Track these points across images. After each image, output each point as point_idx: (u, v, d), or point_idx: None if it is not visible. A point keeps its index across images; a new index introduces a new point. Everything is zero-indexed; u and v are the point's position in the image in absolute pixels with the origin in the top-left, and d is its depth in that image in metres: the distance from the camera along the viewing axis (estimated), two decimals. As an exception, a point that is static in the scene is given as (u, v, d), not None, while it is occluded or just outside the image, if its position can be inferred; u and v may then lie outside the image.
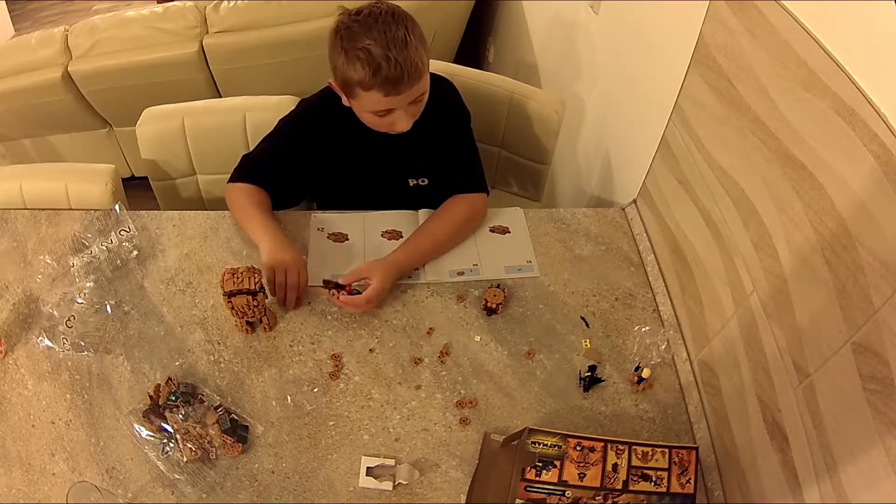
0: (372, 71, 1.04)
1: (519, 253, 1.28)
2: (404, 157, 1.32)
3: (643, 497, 0.92)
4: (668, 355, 1.12)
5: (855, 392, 0.68)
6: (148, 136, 1.52)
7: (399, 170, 1.35)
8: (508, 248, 1.30)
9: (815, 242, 0.76)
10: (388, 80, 1.05)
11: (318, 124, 1.27)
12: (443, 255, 1.26)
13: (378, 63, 1.04)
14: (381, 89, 1.07)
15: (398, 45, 1.04)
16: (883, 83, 0.66)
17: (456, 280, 1.23)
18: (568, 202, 1.98)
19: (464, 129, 1.34)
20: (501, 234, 1.32)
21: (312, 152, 1.28)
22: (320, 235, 1.31)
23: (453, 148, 1.33)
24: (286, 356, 1.11)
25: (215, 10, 2.06)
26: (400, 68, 1.05)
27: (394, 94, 1.08)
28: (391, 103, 1.11)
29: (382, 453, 1.00)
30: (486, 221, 1.34)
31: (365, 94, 1.09)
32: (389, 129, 1.18)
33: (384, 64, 1.04)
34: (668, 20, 1.22)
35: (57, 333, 1.10)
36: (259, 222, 1.21)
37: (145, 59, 2.06)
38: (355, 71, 1.06)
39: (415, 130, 1.20)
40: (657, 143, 1.24)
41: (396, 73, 1.05)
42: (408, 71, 1.06)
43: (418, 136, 1.22)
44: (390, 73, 1.05)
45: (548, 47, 2.15)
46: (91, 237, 1.27)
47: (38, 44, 2.08)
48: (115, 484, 0.95)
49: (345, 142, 1.28)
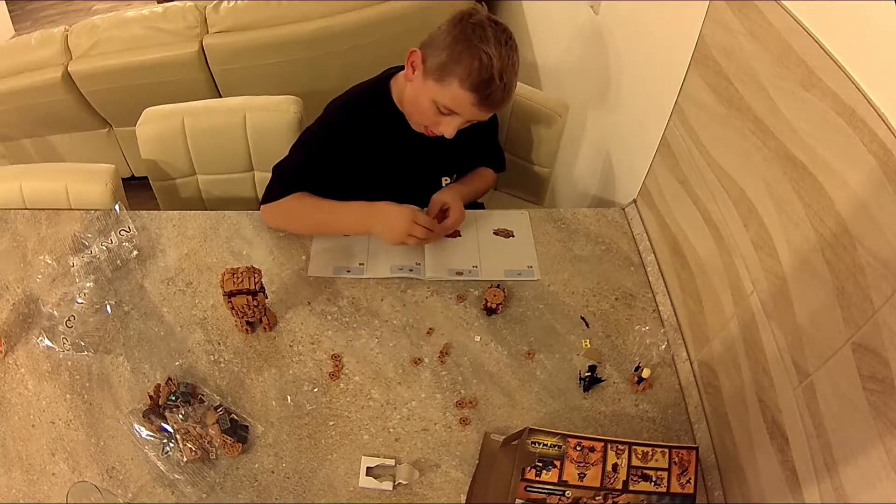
0: (485, 79, 1.06)
1: (521, 257, 1.28)
2: (439, 154, 1.33)
3: (643, 497, 0.92)
4: (668, 355, 1.12)
5: (855, 392, 0.68)
6: (148, 136, 1.52)
7: (433, 167, 1.36)
8: (511, 251, 1.30)
9: (815, 242, 0.76)
10: (490, 96, 1.09)
11: (350, 125, 1.26)
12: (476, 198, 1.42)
13: (492, 76, 1.06)
14: (477, 98, 1.08)
15: (513, 71, 1.09)
16: (883, 83, 0.66)
17: (455, 279, 1.23)
18: (568, 202, 1.98)
19: (497, 127, 1.43)
20: (505, 238, 1.32)
21: (345, 153, 1.26)
22: None
23: (488, 141, 1.42)
24: (286, 356, 1.11)
25: (215, 10, 2.06)
26: (503, 93, 1.09)
27: (482, 108, 1.11)
28: (467, 112, 1.12)
29: (382, 453, 1.00)
30: (490, 223, 1.34)
31: (457, 89, 1.09)
32: (432, 127, 1.19)
33: (496, 80, 1.06)
34: (668, 20, 1.22)
35: (57, 333, 1.10)
36: (340, 210, 1.23)
37: (145, 59, 2.06)
38: (468, 67, 1.06)
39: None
40: (657, 143, 1.24)
41: (499, 95, 1.09)
42: (506, 98, 1.11)
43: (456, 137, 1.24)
44: (496, 91, 1.08)
45: (548, 47, 2.15)
46: (91, 237, 1.27)
47: (38, 44, 2.08)
48: (115, 484, 0.95)
49: (381, 138, 1.27)
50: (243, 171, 1.61)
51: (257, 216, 1.35)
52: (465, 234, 1.33)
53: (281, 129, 1.52)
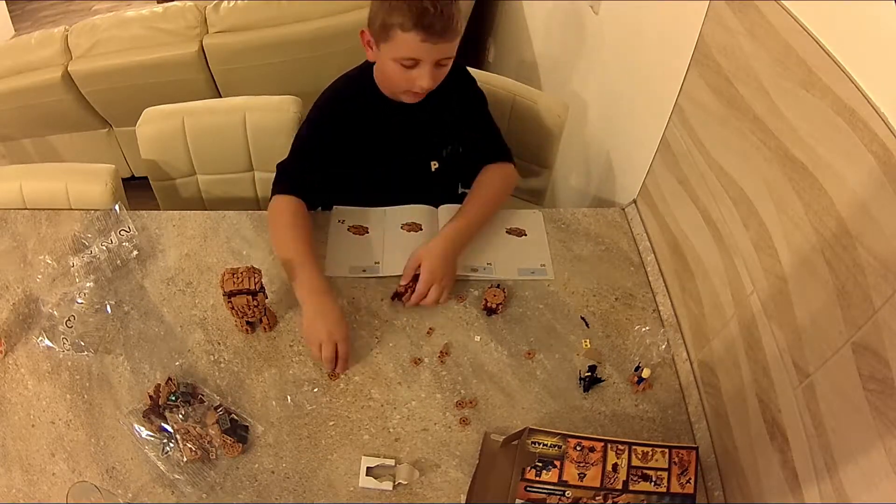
0: (417, 13, 1.07)
1: (534, 256, 1.28)
2: (426, 135, 1.33)
3: (643, 497, 0.92)
4: (668, 355, 1.12)
5: (855, 392, 0.68)
6: (148, 136, 1.52)
7: (421, 149, 1.36)
8: (524, 250, 1.30)
9: (815, 242, 0.76)
10: (430, 26, 1.08)
11: (346, 102, 1.28)
12: (488, 221, 1.31)
13: (425, 7, 1.07)
14: (421, 33, 1.09)
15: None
16: (883, 83, 0.66)
17: (468, 276, 1.23)
18: (568, 202, 1.98)
19: (483, 105, 1.38)
20: (518, 237, 1.32)
21: (343, 133, 1.28)
22: (341, 227, 1.32)
23: (477, 123, 1.37)
24: (286, 356, 1.11)
25: (215, 10, 2.06)
26: (444, 18, 1.08)
27: (430, 41, 1.10)
28: (423, 52, 1.12)
29: (382, 453, 1.00)
30: (503, 223, 1.34)
31: (402, 35, 1.10)
32: (410, 87, 1.18)
33: (430, 8, 1.07)
34: (668, 20, 1.22)
35: (57, 333, 1.10)
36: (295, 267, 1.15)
37: (145, 59, 2.06)
38: (400, 12, 1.08)
39: (435, 109, 1.24)
40: (657, 143, 1.24)
41: (440, 21, 1.08)
42: (450, 23, 1.10)
43: (439, 115, 1.25)
44: (434, 20, 1.08)
45: (548, 47, 2.15)
46: (91, 237, 1.27)
47: (38, 44, 2.09)
48: (115, 484, 0.95)
49: (367, 121, 1.28)
50: (243, 171, 1.61)
51: (257, 216, 1.35)
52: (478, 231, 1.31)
53: (281, 129, 1.52)
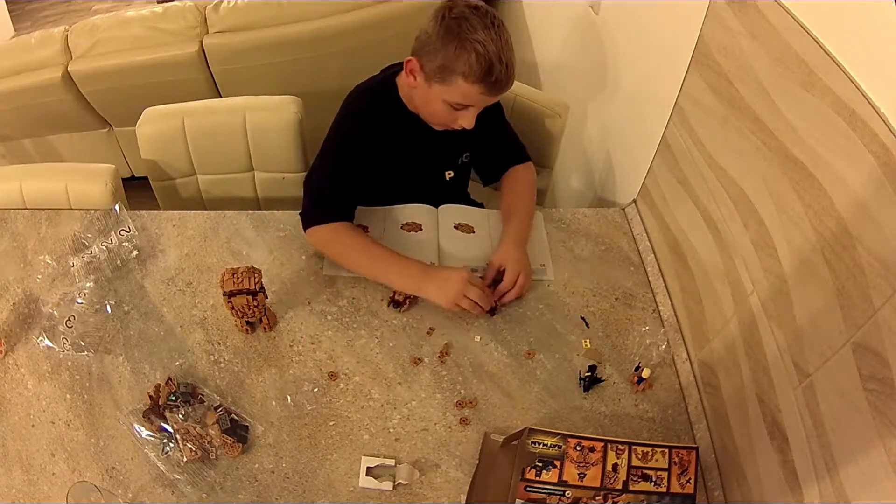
0: (486, 68, 1.07)
1: (534, 256, 1.27)
2: (443, 146, 1.33)
3: (643, 497, 0.92)
4: (668, 355, 1.12)
5: (855, 392, 0.68)
6: (148, 136, 1.52)
7: (438, 160, 1.36)
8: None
9: (815, 242, 0.76)
10: (496, 82, 1.09)
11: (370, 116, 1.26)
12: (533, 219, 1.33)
13: (492, 62, 1.06)
14: (485, 87, 1.09)
15: (509, 49, 1.09)
16: (883, 83, 0.66)
17: None
18: (568, 202, 1.98)
19: (501, 111, 1.39)
20: None
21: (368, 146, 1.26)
22: None
23: (497, 130, 1.38)
24: (286, 356, 1.11)
25: (215, 10, 2.06)
26: (508, 73, 1.09)
27: (492, 94, 1.11)
28: (481, 101, 1.14)
29: (382, 453, 1.00)
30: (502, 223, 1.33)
31: (465, 85, 1.10)
32: (451, 124, 1.20)
33: (497, 65, 1.07)
34: (668, 20, 1.22)
35: (57, 333, 1.10)
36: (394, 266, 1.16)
37: (145, 59, 2.06)
38: (467, 62, 1.07)
39: None
40: (657, 143, 1.24)
41: (505, 76, 1.09)
42: (511, 77, 1.11)
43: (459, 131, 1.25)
44: (500, 76, 1.08)
45: (548, 47, 2.14)
46: (91, 237, 1.27)
47: (38, 44, 2.08)
48: (115, 484, 0.95)
49: (389, 134, 1.27)
50: (243, 171, 1.61)
51: (257, 216, 1.35)
52: (478, 232, 1.32)
53: (281, 129, 1.51)
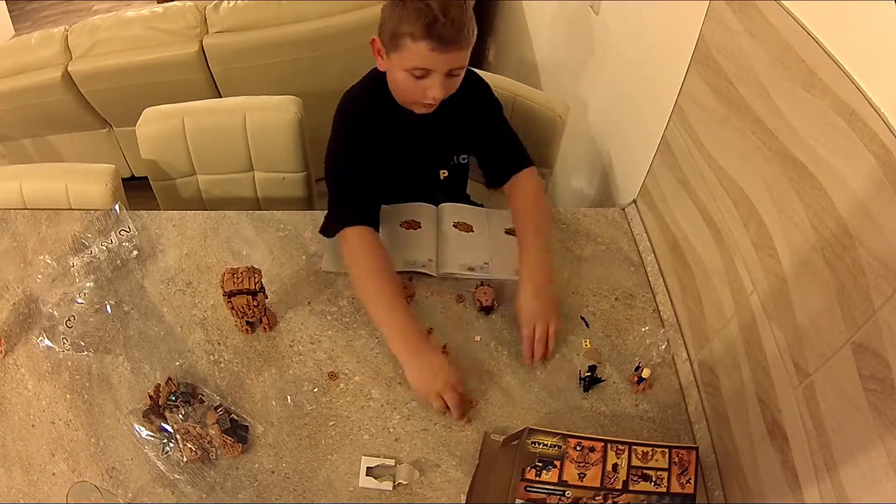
0: (428, 21, 1.05)
1: None
2: (438, 144, 1.32)
3: (643, 497, 0.92)
4: (668, 355, 1.12)
5: (855, 392, 0.68)
6: (148, 136, 1.52)
7: (432, 158, 1.36)
8: None
9: (815, 242, 0.76)
10: (441, 36, 1.07)
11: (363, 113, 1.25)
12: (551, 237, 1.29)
13: (435, 16, 1.05)
14: (431, 42, 1.07)
15: (456, 5, 1.07)
16: (883, 83, 0.66)
17: (465, 275, 1.23)
18: (568, 202, 1.98)
19: (501, 113, 1.37)
20: (515, 236, 1.31)
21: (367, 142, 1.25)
22: None
23: (497, 133, 1.35)
24: (286, 356, 1.11)
25: (215, 10, 2.06)
26: (454, 26, 1.07)
27: (440, 50, 1.08)
28: (433, 62, 1.10)
29: (382, 453, 1.00)
30: (501, 223, 1.34)
31: (412, 44, 1.08)
32: (421, 98, 1.16)
33: (441, 17, 1.05)
34: (668, 20, 1.22)
35: (57, 333, 1.10)
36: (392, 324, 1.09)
37: (145, 59, 2.05)
38: (409, 21, 1.06)
39: (448, 119, 1.23)
40: (657, 143, 1.24)
41: (451, 30, 1.07)
42: (461, 31, 1.08)
43: (452, 124, 1.24)
44: (444, 29, 1.06)
45: (548, 47, 2.15)
46: (91, 237, 1.27)
47: (38, 44, 2.08)
48: (115, 484, 0.95)
49: (381, 130, 1.26)
50: (243, 171, 1.61)
51: (257, 216, 1.35)
52: (477, 231, 1.32)
53: (281, 129, 1.52)
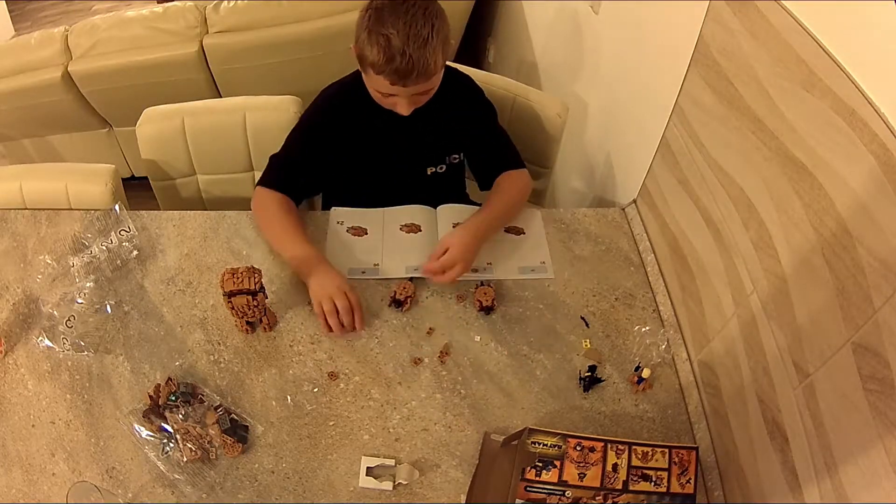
0: (385, 59, 1.08)
1: (533, 254, 1.28)
2: (423, 143, 1.34)
3: (643, 497, 0.92)
4: (668, 355, 1.12)
5: (855, 392, 0.68)
6: (148, 136, 1.52)
7: (417, 157, 1.36)
8: (523, 248, 1.29)
9: (815, 242, 0.76)
10: (397, 72, 1.09)
11: (339, 109, 1.30)
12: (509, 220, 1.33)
13: (393, 54, 1.07)
14: (389, 78, 1.11)
15: (418, 42, 1.08)
16: (883, 83, 0.66)
17: (469, 276, 1.22)
18: (568, 202, 1.98)
19: (494, 118, 1.39)
20: (516, 235, 1.32)
21: (334, 138, 1.29)
22: (339, 229, 1.32)
23: (489, 134, 1.38)
24: (286, 356, 1.11)
25: (215, 10, 2.06)
26: (412, 65, 1.08)
27: (399, 84, 1.12)
28: (397, 90, 1.14)
29: (382, 453, 1.00)
30: None
31: (374, 75, 1.12)
32: (392, 108, 1.21)
33: (398, 57, 1.07)
34: (668, 20, 1.22)
35: (57, 333, 1.10)
36: (288, 241, 1.21)
37: (145, 59, 2.06)
38: (371, 52, 1.09)
39: (434, 118, 1.26)
40: (657, 143, 1.24)
41: (407, 68, 1.09)
42: (418, 69, 1.10)
43: (437, 125, 1.27)
44: (401, 67, 1.08)
45: (548, 47, 2.15)
46: (91, 237, 1.27)
47: (38, 44, 2.09)
48: (115, 484, 0.95)
49: (360, 127, 1.30)
50: (243, 171, 1.61)
51: (257, 216, 1.35)
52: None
53: (281, 129, 1.50)
